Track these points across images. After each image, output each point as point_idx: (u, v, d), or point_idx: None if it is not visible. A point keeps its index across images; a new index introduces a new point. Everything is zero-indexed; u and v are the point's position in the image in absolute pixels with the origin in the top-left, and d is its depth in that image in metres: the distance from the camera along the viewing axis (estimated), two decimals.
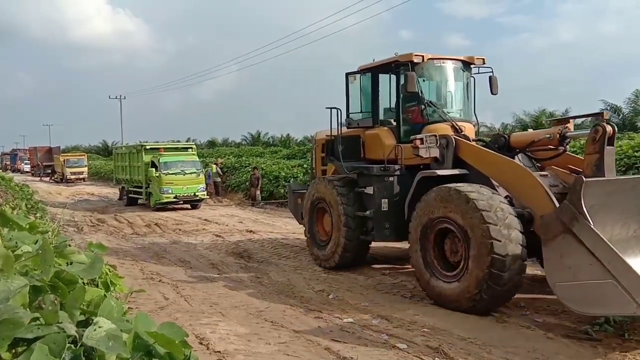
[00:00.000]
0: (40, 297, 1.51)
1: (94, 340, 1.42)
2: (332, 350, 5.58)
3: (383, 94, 9.89)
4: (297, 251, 11.62)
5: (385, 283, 8.70)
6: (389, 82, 9.82)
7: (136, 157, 22.35)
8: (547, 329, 6.17)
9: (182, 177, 20.47)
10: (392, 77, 9.68)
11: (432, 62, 9.20)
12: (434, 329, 6.26)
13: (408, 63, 8.86)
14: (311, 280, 8.91)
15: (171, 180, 20.25)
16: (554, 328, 6.25)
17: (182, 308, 7.36)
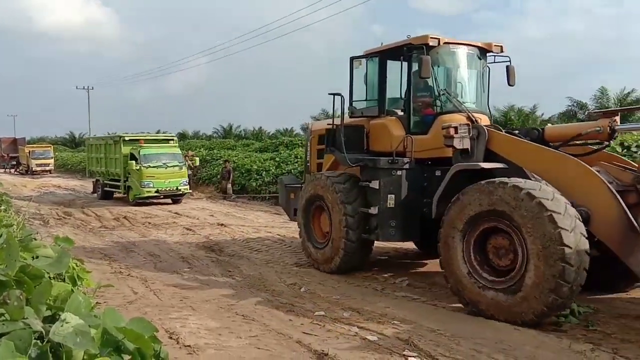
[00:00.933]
0: (5, 293, 1.47)
1: (61, 336, 1.39)
2: (303, 343, 5.60)
3: (391, 81, 9.16)
4: (269, 245, 11.60)
5: (357, 276, 8.74)
6: (399, 68, 9.11)
7: (113, 149, 21.42)
8: (514, 320, 6.29)
9: (163, 171, 19.64)
10: (402, 63, 9.02)
11: (447, 46, 8.47)
12: (404, 321, 6.33)
13: (423, 46, 8.06)
14: (282, 274, 8.91)
15: (152, 173, 19.38)
16: (517, 319, 6.37)
17: (152, 302, 7.27)
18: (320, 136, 10.13)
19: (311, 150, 10.64)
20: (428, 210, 7.76)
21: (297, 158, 22.35)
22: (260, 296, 7.55)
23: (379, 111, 8.93)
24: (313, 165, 10.44)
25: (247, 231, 13.51)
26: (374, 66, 9.05)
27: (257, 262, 9.95)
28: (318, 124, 10.99)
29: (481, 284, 6.43)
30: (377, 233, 8.21)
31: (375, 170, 8.23)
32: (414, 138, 8.24)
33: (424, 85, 8.58)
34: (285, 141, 32.22)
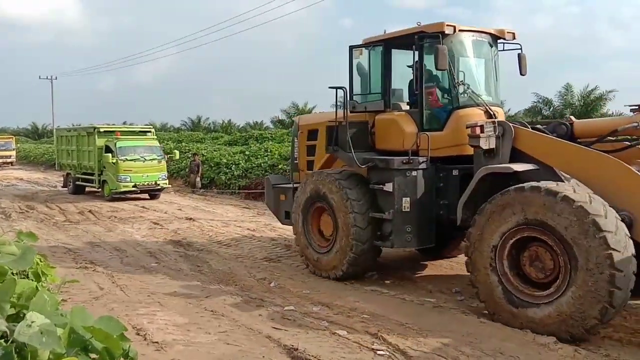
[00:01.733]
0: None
1: (26, 336, 1.35)
2: (273, 338, 5.59)
3: (398, 72, 8.44)
4: (239, 239, 11.53)
5: None
6: (406, 58, 8.36)
7: (87, 141, 20.24)
8: (480, 314, 6.42)
9: (141, 164, 18.68)
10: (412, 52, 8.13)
11: (462, 34, 7.81)
12: (374, 315, 6.39)
13: (438, 35, 7.34)
14: (252, 269, 8.87)
15: (130, 167, 18.41)
16: (487, 312, 6.50)
17: (118, 298, 7.15)
18: (310, 131, 9.36)
19: (300, 146, 9.63)
20: (444, 212, 7.43)
21: (267, 152, 22.25)
22: (229, 291, 7.50)
23: (384, 105, 8.18)
24: (302, 163, 9.51)
25: (216, 225, 13.40)
26: (377, 56, 8.31)
27: (226, 256, 9.88)
28: (307, 118, 10.16)
29: (518, 298, 5.90)
30: (392, 240, 7.50)
31: (388, 172, 7.50)
32: (431, 135, 7.52)
33: (438, 77, 8.00)
34: (255, 134, 32.07)
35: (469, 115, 7.47)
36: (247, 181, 20.20)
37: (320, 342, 5.49)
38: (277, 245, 10.94)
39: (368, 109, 8.37)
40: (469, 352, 5.22)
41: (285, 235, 11.89)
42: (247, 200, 18.89)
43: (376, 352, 5.23)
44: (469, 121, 7.10)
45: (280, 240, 11.42)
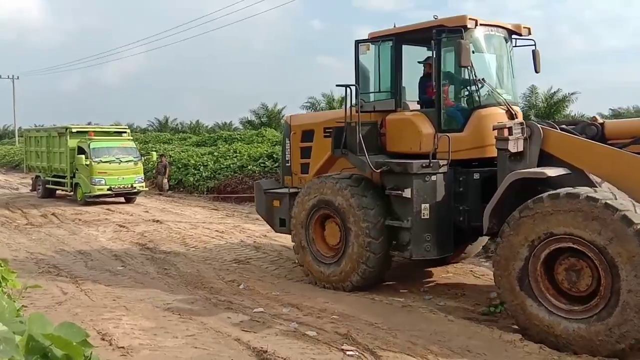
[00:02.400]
0: None
1: None
2: (242, 340, 5.54)
3: (410, 69, 7.95)
4: (207, 241, 11.41)
5: (296, 272, 8.75)
6: (418, 54, 8.03)
7: (58, 142, 19.17)
8: (448, 312, 6.51)
9: (117, 166, 17.78)
10: (423, 48, 7.93)
11: (482, 29, 7.32)
12: (343, 315, 6.40)
13: (460, 29, 6.88)
14: (221, 271, 8.78)
15: (104, 169, 17.48)
16: (454, 311, 6.60)
17: (83, 303, 6.98)
18: (305, 132, 8.78)
19: (292, 148, 8.99)
20: (464, 219, 7.02)
21: (236, 153, 22.09)
22: (197, 294, 7.41)
23: (395, 104, 7.65)
24: (295, 166, 8.90)
25: (184, 227, 13.23)
26: (386, 52, 7.71)
27: (194, 259, 9.76)
28: (301, 117, 9.48)
29: (554, 314, 5.47)
30: (410, 249, 6.99)
31: (406, 177, 6.99)
32: (452, 136, 6.97)
33: (457, 74, 7.50)
34: (224, 135, 31.81)
35: (491, 115, 7.09)
36: (216, 182, 20.01)
37: (289, 344, 5.47)
38: (246, 246, 10.87)
39: (377, 109, 7.76)
40: (437, 350, 5.27)
41: (255, 237, 11.84)
42: (216, 202, 18.71)
43: (345, 353, 5.23)
44: (491, 121, 6.81)
45: (249, 242, 11.35)
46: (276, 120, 40.19)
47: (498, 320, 6.29)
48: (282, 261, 9.53)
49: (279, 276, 8.48)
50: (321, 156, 8.41)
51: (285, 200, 8.62)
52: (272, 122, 39.46)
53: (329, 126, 8.22)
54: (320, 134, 8.47)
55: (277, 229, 8.94)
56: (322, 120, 8.71)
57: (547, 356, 5.15)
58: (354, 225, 7.27)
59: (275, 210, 8.85)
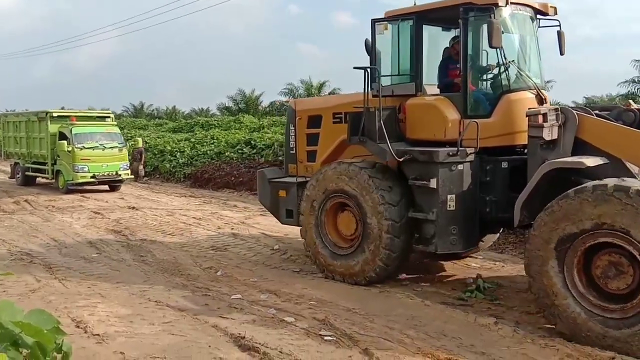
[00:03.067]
0: None
1: None
2: (219, 327, 5.52)
3: (432, 50, 7.61)
4: (183, 228, 11.31)
5: (274, 258, 8.75)
6: (440, 34, 7.69)
7: (37, 127, 18.33)
8: (424, 297, 6.58)
9: (101, 152, 16.96)
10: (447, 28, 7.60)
11: (512, 7, 6.86)
12: (321, 301, 6.42)
13: (491, 7, 6.46)
14: (198, 258, 8.73)
15: (88, 155, 16.64)
16: (430, 296, 6.67)
17: (57, 290, 6.88)
18: (311, 118, 8.28)
19: (298, 134, 8.45)
20: (491, 210, 6.64)
21: (214, 139, 21.90)
22: (174, 281, 7.35)
23: (415, 88, 7.16)
24: (301, 154, 8.41)
25: (160, 214, 13.09)
26: (406, 32, 7.23)
27: (171, 246, 9.67)
28: (307, 102, 8.81)
29: (592, 314, 5.14)
30: (435, 243, 6.59)
31: (430, 166, 6.55)
32: (480, 122, 6.53)
33: (484, 55, 7.20)
34: (201, 122, 31.49)
35: (521, 100, 6.69)
36: (193, 169, 19.83)
37: (267, 330, 5.47)
38: (223, 233, 10.81)
39: (395, 93, 7.27)
40: (414, 334, 5.33)
41: (232, 223, 11.78)
42: (193, 188, 18.55)
43: (323, 338, 5.26)
44: (521, 107, 6.48)
45: (227, 228, 11.29)
46: (254, 107, 39.94)
47: (473, 305, 6.38)
48: (260, 247, 9.51)
49: (257, 263, 8.46)
50: (330, 143, 7.96)
51: (293, 190, 8.15)
52: (249, 108, 39.20)
53: (339, 111, 7.85)
54: (329, 120, 8.01)
55: (284, 220, 8.47)
56: (331, 105, 8.22)
57: (521, 339, 5.25)
58: (373, 216, 6.82)
59: (282, 201, 8.35)
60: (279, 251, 9.21)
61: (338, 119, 7.88)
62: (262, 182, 8.87)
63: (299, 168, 8.45)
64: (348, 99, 7.99)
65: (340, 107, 7.94)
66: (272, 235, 10.50)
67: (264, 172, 9.03)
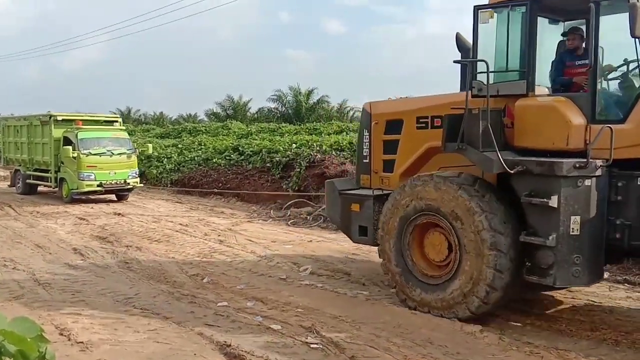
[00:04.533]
0: None
1: None
2: (205, 335, 5.48)
3: (547, 43, 6.54)
4: (170, 234, 11.24)
5: (261, 265, 8.72)
6: (556, 25, 6.65)
7: (40, 131, 17.13)
8: None
9: (108, 159, 15.93)
10: (556, 21, 6.68)
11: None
12: (308, 308, 6.41)
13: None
14: (184, 265, 8.67)
15: (94, 162, 15.59)
16: None
17: (40, 297, 6.80)
18: (390, 122, 7.36)
19: (373, 141, 7.51)
20: (623, 237, 5.54)
21: (201, 145, 21.81)
22: (159, 288, 7.29)
23: (526, 87, 6.05)
24: (377, 163, 7.46)
25: (146, 220, 13.00)
26: (516, 21, 6.17)
27: (157, 252, 9.60)
28: (385, 105, 7.76)
29: None
30: (553, 275, 5.48)
31: (551, 180, 5.48)
32: (616, 128, 5.44)
33: (619, 48, 6.06)
34: (189, 127, 31.38)
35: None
36: (180, 175, 19.73)
37: (254, 338, 5.45)
38: (210, 239, 10.76)
39: (501, 92, 6.14)
40: (400, 342, 5.34)
41: (219, 230, 11.73)
42: (180, 194, 18.46)
43: (310, 346, 5.24)
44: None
45: (214, 235, 11.24)
46: (242, 113, 39.85)
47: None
48: (247, 254, 9.48)
49: (244, 270, 8.43)
50: (412, 151, 6.98)
51: (368, 204, 7.23)
52: (237, 114, 39.11)
53: (424, 115, 6.89)
54: (412, 125, 7.03)
55: (356, 238, 7.56)
56: (415, 108, 7.12)
57: (506, 346, 5.27)
58: (472, 241, 5.72)
59: (354, 216, 7.44)
60: (266, 258, 9.19)
61: (423, 123, 6.91)
62: (331, 194, 7.94)
63: (373, 179, 7.50)
64: (438, 101, 6.97)
65: (426, 110, 6.91)
66: (259, 242, 10.47)
67: (334, 183, 8.04)
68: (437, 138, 6.39)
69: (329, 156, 15.67)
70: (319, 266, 8.61)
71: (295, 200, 14.55)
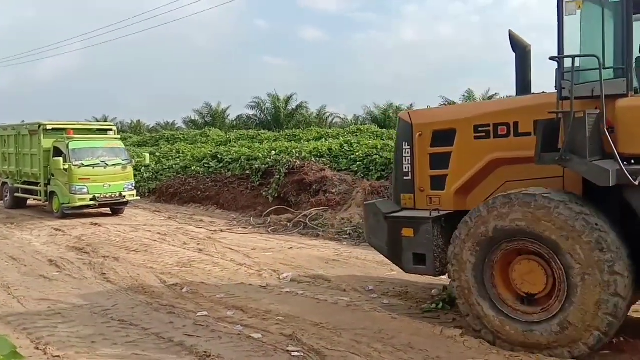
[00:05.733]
0: None
1: None
2: (185, 345, 5.43)
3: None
4: (148, 244, 11.12)
5: (241, 274, 8.67)
6: None
7: (29, 141, 16.31)
8: (392, 310, 6.60)
9: (102, 171, 15.00)
10: None
11: None
12: (288, 316, 6.38)
13: None
14: (163, 275, 8.57)
15: (87, 174, 14.68)
16: (398, 309, 6.71)
17: (15, 311, 6.66)
18: (438, 133, 6.43)
19: (417, 155, 6.57)
20: None
21: (179, 153, 21.64)
22: (138, 299, 7.20)
23: (627, 87, 5.28)
24: (422, 179, 6.51)
25: (124, 230, 12.83)
26: (613, 12, 5.40)
27: (135, 262, 9.48)
28: (431, 114, 7.02)
29: None
30: None
31: None
32: None
33: None
34: (166, 135, 31.15)
35: None
36: (158, 184, 19.54)
37: (234, 347, 5.40)
38: (189, 248, 10.67)
39: (595, 93, 5.33)
40: (381, 348, 5.34)
41: (198, 239, 11.63)
42: (158, 203, 18.27)
43: (291, 354, 5.22)
44: None
45: (192, 244, 11.14)
46: (221, 120, 39.72)
47: (440, 316, 6.44)
48: (226, 263, 9.41)
49: (223, 278, 8.37)
50: (469, 165, 6.14)
51: (425, 229, 6.18)
52: (216, 121, 38.97)
53: (484, 123, 6.03)
54: (468, 135, 6.18)
55: (409, 267, 6.42)
56: (471, 116, 6.28)
57: (486, 350, 5.31)
58: (585, 268, 4.89)
59: (406, 242, 6.37)
60: (246, 266, 9.14)
61: (483, 132, 6.06)
62: (374, 218, 6.86)
63: (417, 199, 6.56)
64: (504, 106, 6.38)
65: (488, 117, 6.05)
66: (239, 250, 10.42)
67: (377, 206, 6.90)
68: (501, 149, 5.84)
69: (309, 162, 15.70)
70: (299, 273, 8.60)
71: (275, 207, 14.53)
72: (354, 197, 13.53)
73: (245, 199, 16.20)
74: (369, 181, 13.94)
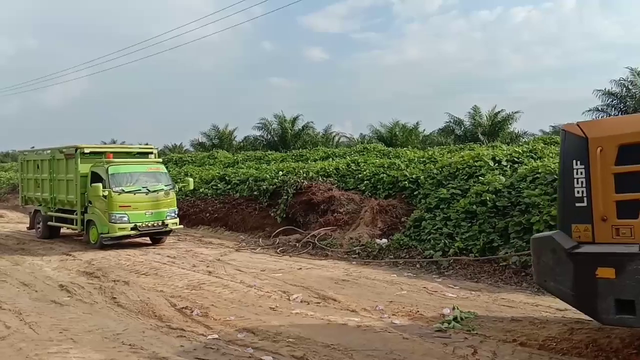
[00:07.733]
0: None
1: None
2: None
3: None
4: (158, 267, 11.14)
5: (251, 295, 8.65)
6: None
7: (64, 166, 15.09)
8: (402, 330, 6.57)
9: (144, 197, 13.93)
10: None
11: None
12: (299, 338, 6.36)
13: None
14: (173, 298, 8.58)
15: (128, 201, 13.65)
16: (408, 328, 6.67)
17: (27, 337, 6.67)
18: (627, 147, 5.21)
19: (595, 176, 5.30)
20: None
21: (187, 175, 21.73)
22: (148, 323, 7.20)
23: None
24: (605, 206, 5.21)
25: (133, 254, 12.87)
26: None
27: (145, 286, 9.50)
28: (613, 124, 6.00)
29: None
30: None
31: None
32: None
33: None
34: (174, 158, 31.32)
35: None
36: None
37: None
38: (198, 271, 10.68)
39: None
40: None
41: (207, 261, 11.64)
42: None
43: None
44: None
45: (202, 266, 11.15)
46: (228, 142, 39.90)
47: (451, 335, 6.40)
48: (236, 285, 9.41)
49: (233, 300, 8.36)
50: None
51: (634, 268, 4.91)
52: (223, 143, 39.16)
53: None
54: None
55: (610, 317, 5.08)
56: None
57: None
58: None
59: (604, 286, 5.06)
60: (255, 288, 9.12)
61: None
62: (550, 254, 5.54)
63: (597, 230, 5.29)
64: None
65: None
66: (248, 272, 10.42)
67: (555, 239, 5.52)
68: None
69: (316, 182, 15.73)
70: (309, 294, 8.57)
71: (284, 228, 14.52)
72: (362, 216, 13.52)
73: (254, 220, 16.22)
74: (376, 200, 13.94)
